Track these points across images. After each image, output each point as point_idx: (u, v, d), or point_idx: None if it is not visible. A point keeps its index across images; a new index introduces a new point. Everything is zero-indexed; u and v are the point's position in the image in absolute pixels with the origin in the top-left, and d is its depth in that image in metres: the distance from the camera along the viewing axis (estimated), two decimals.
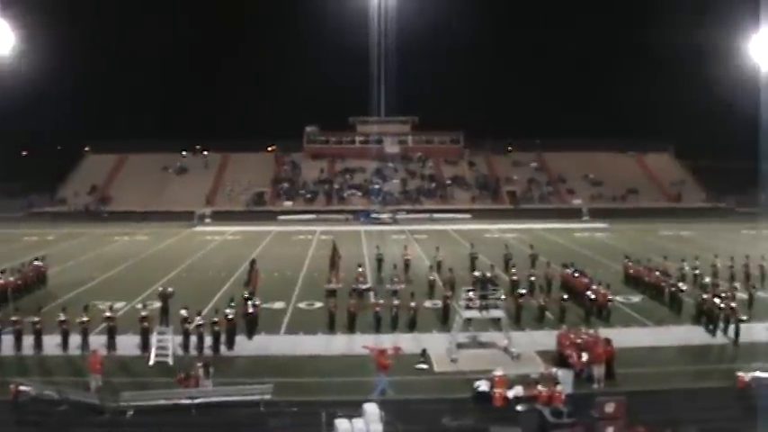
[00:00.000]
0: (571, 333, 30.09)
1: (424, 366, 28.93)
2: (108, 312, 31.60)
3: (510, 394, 25.18)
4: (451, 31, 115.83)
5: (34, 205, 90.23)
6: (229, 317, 31.45)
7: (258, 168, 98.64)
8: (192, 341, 30.77)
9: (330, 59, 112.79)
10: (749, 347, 31.70)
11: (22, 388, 25.28)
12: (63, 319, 31.28)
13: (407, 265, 46.89)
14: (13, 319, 31.43)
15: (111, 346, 30.67)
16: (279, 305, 39.44)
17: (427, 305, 38.49)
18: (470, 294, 31.30)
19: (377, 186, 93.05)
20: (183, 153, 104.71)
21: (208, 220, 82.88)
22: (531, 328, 34.71)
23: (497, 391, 25.08)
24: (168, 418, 23.66)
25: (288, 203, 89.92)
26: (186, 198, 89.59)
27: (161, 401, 24.36)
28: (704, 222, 79.39)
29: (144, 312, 31.75)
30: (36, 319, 31.11)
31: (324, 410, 22.55)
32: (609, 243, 64.81)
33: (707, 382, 27.39)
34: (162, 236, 70.25)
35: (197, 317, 31.13)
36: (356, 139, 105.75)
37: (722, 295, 34.79)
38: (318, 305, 38.96)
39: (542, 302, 36.25)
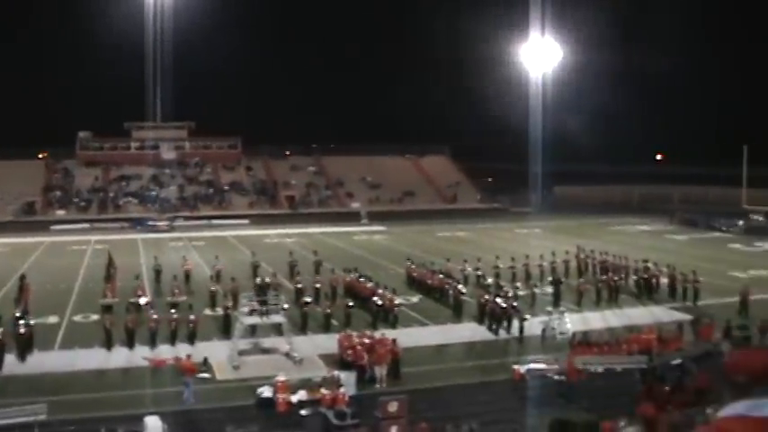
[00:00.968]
0: (353, 335, 30.67)
1: (206, 375, 28.53)
2: None
3: (293, 399, 25.36)
4: (228, 37, 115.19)
5: None
6: None
7: (28, 177, 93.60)
8: None
9: (104, 62, 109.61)
10: (528, 341, 33.59)
11: None
12: None
13: (188, 275, 45.58)
14: None
15: None
16: (53, 319, 37.69)
17: (208, 312, 38.04)
18: (251, 302, 31.35)
19: (153, 193, 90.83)
20: None
21: None
22: (314, 332, 34.86)
23: (281, 396, 25.20)
24: None
25: (61, 212, 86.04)
26: None
27: None
28: (479, 222, 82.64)
29: None
30: None
31: (103, 427, 21.93)
32: (388, 245, 66.43)
33: (487, 377, 28.72)
34: None
35: None
36: (132, 144, 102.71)
37: (507, 295, 36.67)
38: (95, 317, 37.37)
39: (328, 310, 35.96)
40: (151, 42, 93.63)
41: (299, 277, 42.63)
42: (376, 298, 37.07)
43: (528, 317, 35.20)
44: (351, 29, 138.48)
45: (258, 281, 41.85)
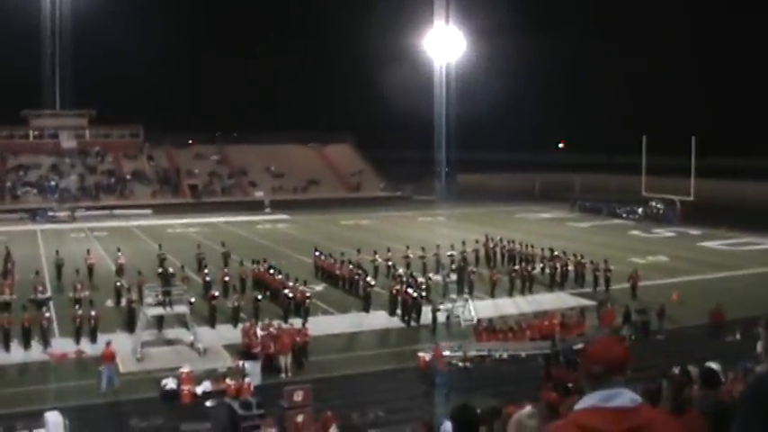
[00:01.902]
0: (257, 325, 30.68)
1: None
2: None
3: (198, 390, 25.35)
4: (130, 23, 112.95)
5: None
6: None
7: None
8: None
9: None
10: (440, 329, 34.05)
11: None
12: None
13: (91, 269, 44.13)
14: None
15: None
16: None
17: (109, 304, 37.42)
18: (154, 292, 31.10)
19: (53, 183, 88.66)
20: None
21: None
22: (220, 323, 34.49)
23: (185, 387, 25.15)
24: None
25: None
26: None
27: None
28: (383, 211, 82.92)
29: None
30: None
31: (1, 425, 21.51)
32: (291, 234, 66.36)
33: (394, 365, 29.10)
34: None
35: None
36: (30, 133, 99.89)
37: (419, 285, 37.15)
38: None
39: (236, 303, 34.93)
40: (49, 27, 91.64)
41: (206, 270, 41.38)
42: (287, 291, 36.36)
43: (441, 306, 35.34)
44: (256, 17, 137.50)
45: (160, 270, 41.30)
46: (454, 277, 42.56)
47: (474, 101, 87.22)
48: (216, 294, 35.90)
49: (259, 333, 29.50)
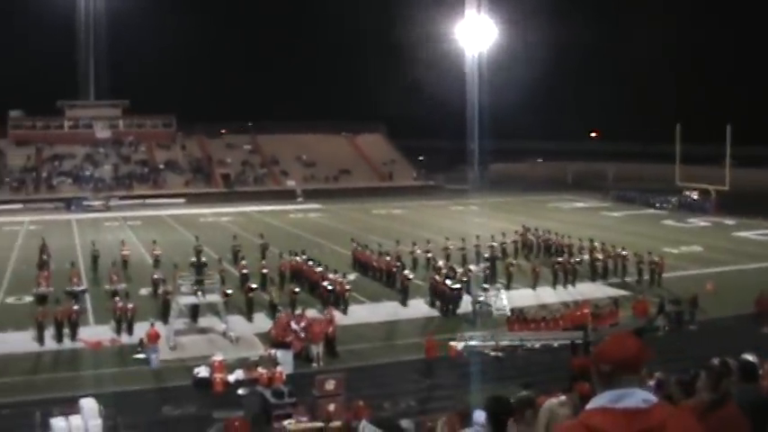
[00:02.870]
0: (291, 316, 30.67)
1: (142, 356, 28.41)
2: None
3: (230, 378, 25.44)
4: (164, 13, 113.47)
5: None
6: None
7: None
8: None
9: (35, 38, 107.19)
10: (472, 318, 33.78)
11: None
12: None
13: (125, 261, 43.85)
14: None
15: None
16: None
17: (143, 292, 37.66)
18: (187, 281, 31.23)
19: (88, 173, 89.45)
20: None
21: None
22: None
23: (217, 375, 25.21)
24: None
25: None
26: None
27: None
28: (415, 200, 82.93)
29: None
30: None
31: (38, 410, 21.71)
32: (323, 223, 66.42)
33: (422, 354, 28.97)
34: None
35: None
36: (65, 123, 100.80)
37: (461, 278, 36.81)
38: (29, 299, 36.57)
39: (275, 296, 34.17)
40: (83, 19, 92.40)
41: (244, 262, 40.62)
42: (326, 283, 35.87)
43: (480, 298, 34.94)
44: (289, 7, 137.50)
45: (193, 260, 41.36)
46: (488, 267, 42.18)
47: (506, 90, 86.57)
48: (254, 287, 35.41)
49: (293, 325, 29.31)
